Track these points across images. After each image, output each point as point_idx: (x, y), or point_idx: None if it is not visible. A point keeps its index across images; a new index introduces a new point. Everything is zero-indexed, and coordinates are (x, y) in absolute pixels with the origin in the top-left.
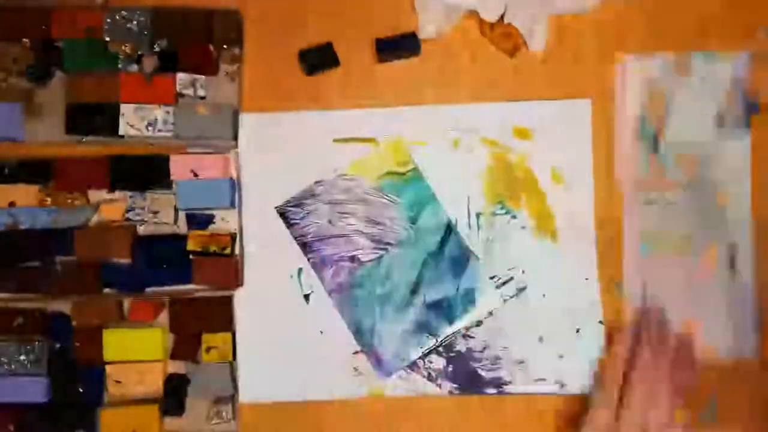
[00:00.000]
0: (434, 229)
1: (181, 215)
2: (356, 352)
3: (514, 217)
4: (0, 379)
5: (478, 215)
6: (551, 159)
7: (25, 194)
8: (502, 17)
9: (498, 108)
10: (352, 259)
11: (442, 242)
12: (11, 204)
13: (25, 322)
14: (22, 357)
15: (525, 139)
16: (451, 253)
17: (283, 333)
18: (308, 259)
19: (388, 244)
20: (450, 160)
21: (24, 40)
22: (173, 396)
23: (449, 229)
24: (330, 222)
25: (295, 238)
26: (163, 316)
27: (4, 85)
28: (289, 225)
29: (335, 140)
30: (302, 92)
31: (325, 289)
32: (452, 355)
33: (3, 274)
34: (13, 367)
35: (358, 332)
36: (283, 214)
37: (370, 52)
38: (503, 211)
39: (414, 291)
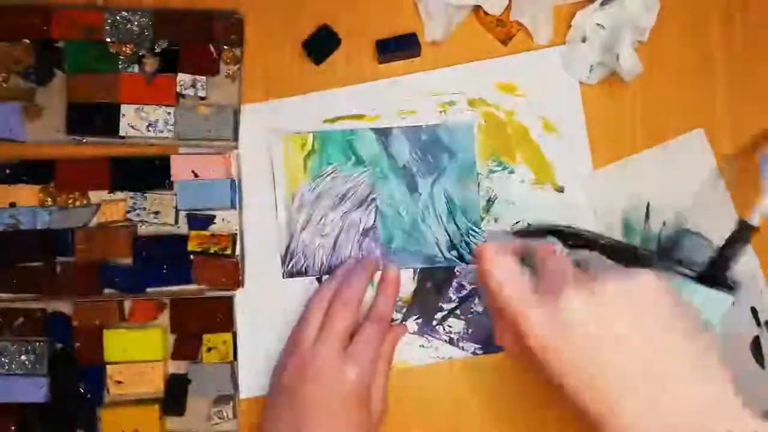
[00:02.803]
0: (377, 148)
1: (182, 216)
2: None
3: (511, 172)
4: (1, 379)
5: (476, 175)
6: (540, 110)
7: (25, 194)
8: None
9: (479, 66)
10: (365, 233)
11: (389, 149)
12: (12, 204)
13: (26, 322)
14: (23, 357)
15: (511, 94)
16: (406, 146)
17: (291, 327)
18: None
19: (369, 195)
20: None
21: (25, 40)
22: (174, 396)
23: (384, 134)
24: (322, 235)
25: (321, 276)
26: (164, 317)
27: (5, 85)
28: (306, 274)
29: (325, 120)
30: (303, 89)
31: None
32: (470, 316)
33: (4, 274)
34: (13, 367)
35: (431, 260)
36: (291, 273)
37: (370, 52)
38: (500, 168)
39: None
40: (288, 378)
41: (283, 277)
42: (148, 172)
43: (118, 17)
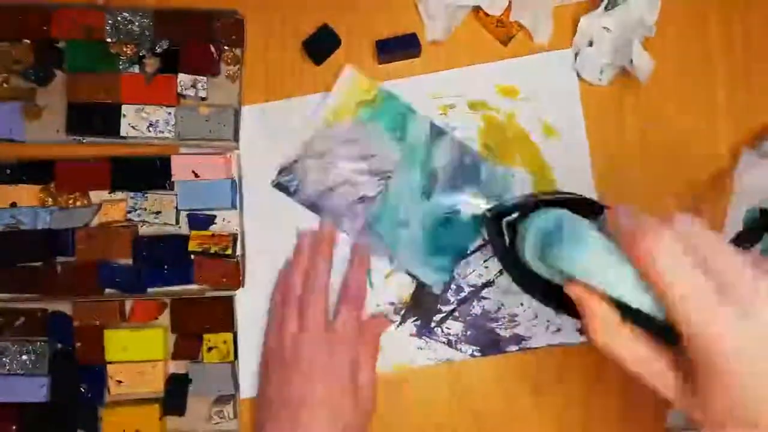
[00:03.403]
0: (423, 139)
1: (183, 216)
2: None
3: (512, 175)
4: (1, 379)
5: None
6: (540, 113)
7: (26, 194)
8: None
9: (480, 69)
10: (360, 198)
11: (432, 147)
12: (13, 204)
13: (27, 322)
14: (24, 357)
15: (512, 97)
16: (448, 156)
17: None
18: (323, 218)
19: (387, 171)
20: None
21: (25, 40)
22: (174, 396)
23: (438, 133)
24: (327, 174)
25: (302, 203)
26: (165, 317)
27: (6, 85)
28: (291, 194)
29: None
30: (303, 90)
31: (353, 239)
32: (469, 318)
33: (4, 274)
34: (14, 367)
35: (395, 261)
36: (280, 185)
37: (370, 52)
38: (500, 170)
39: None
40: (278, 372)
41: (271, 185)
42: (148, 173)
43: (118, 17)
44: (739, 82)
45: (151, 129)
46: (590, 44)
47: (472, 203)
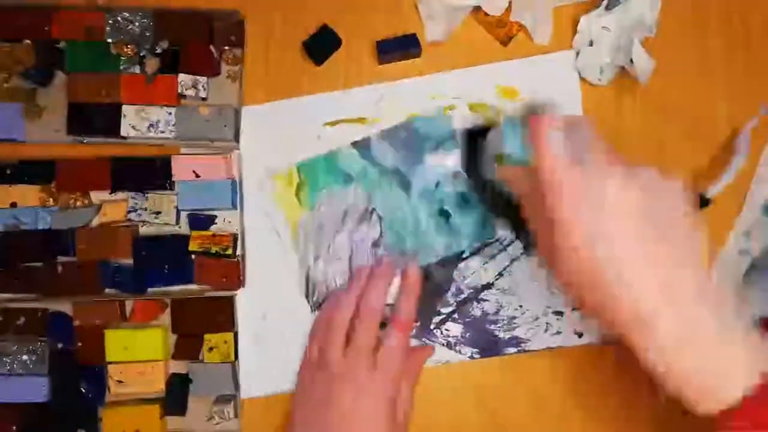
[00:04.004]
0: (358, 167)
1: (183, 216)
2: None
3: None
4: (2, 379)
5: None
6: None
7: (26, 195)
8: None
9: (481, 70)
10: (375, 244)
11: (367, 166)
12: (13, 204)
13: (27, 322)
14: (24, 357)
15: (513, 99)
16: (388, 155)
17: (292, 327)
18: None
19: (366, 209)
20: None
21: (26, 41)
22: (175, 396)
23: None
24: (337, 258)
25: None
26: (165, 316)
27: (6, 85)
28: (317, 307)
29: (325, 123)
30: (303, 90)
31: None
32: (468, 320)
33: (5, 274)
34: (15, 367)
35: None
36: (319, 306)
37: (370, 53)
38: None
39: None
40: (319, 394)
41: (312, 311)
42: (149, 173)
43: (119, 18)
44: (739, 83)
45: (151, 129)
46: (590, 44)
47: (437, 165)
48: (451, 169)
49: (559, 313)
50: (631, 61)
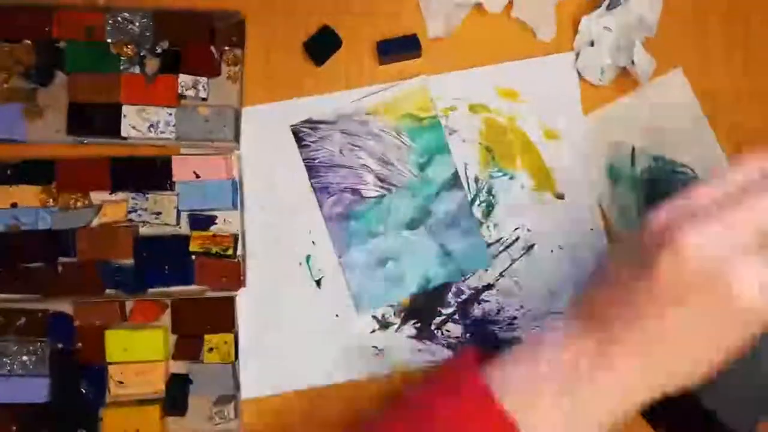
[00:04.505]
0: (440, 180)
1: (183, 216)
2: (373, 331)
3: (511, 177)
4: (2, 380)
5: (476, 180)
6: (541, 116)
7: (27, 195)
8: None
9: (481, 72)
10: (354, 191)
11: (443, 194)
12: (13, 205)
13: (27, 322)
14: (24, 357)
15: (512, 100)
16: (448, 208)
17: (293, 326)
18: (311, 184)
19: (392, 185)
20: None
21: (26, 41)
22: (175, 396)
23: (455, 181)
24: (341, 152)
25: (304, 160)
26: (165, 317)
27: (6, 85)
28: (301, 145)
29: None
30: (304, 90)
31: (323, 217)
32: (468, 321)
33: (5, 274)
34: (15, 367)
35: (345, 263)
36: (296, 132)
37: (371, 53)
38: (500, 174)
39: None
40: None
41: (288, 126)
42: (149, 173)
43: (119, 18)
44: (739, 83)
45: (151, 129)
46: (591, 44)
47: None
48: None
49: (560, 314)
50: (633, 61)
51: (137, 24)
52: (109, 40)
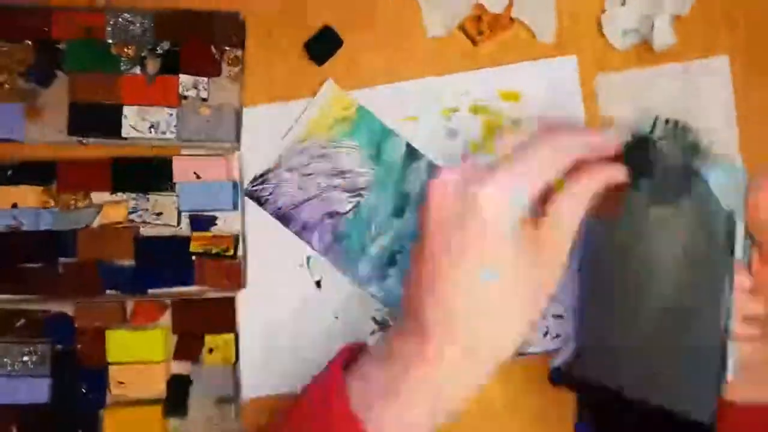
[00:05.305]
0: (399, 159)
1: (184, 217)
2: (373, 332)
3: None
4: (2, 380)
5: None
6: (542, 118)
7: (27, 196)
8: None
9: (483, 73)
10: (331, 215)
11: (409, 169)
12: (13, 205)
13: (27, 323)
14: (25, 358)
15: (514, 102)
16: (421, 178)
17: (293, 328)
18: (291, 230)
19: (361, 189)
20: (443, 132)
21: (26, 41)
22: (176, 397)
23: (412, 151)
24: (299, 188)
25: (272, 213)
26: (166, 318)
27: (6, 86)
28: (262, 203)
29: None
30: (304, 91)
31: (319, 252)
32: None
33: (5, 275)
34: (15, 368)
35: (359, 280)
36: (252, 195)
37: (372, 54)
38: None
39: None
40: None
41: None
42: (149, 174)
43: (119, 18)
44: (740, 84)
45: (152, 130)
46: (623, 3)
47: None
48: None
49: (559, 317)
50: (652, 27)
51: (137, 24)
52: (109, 41)
